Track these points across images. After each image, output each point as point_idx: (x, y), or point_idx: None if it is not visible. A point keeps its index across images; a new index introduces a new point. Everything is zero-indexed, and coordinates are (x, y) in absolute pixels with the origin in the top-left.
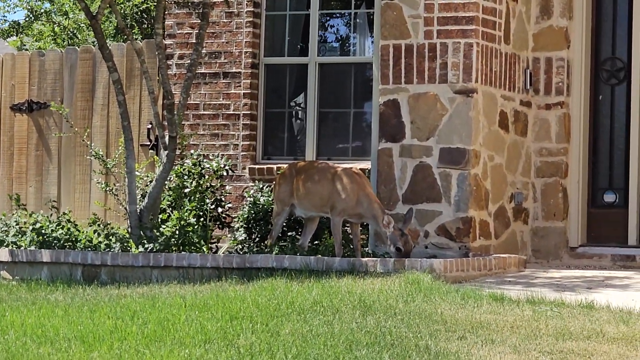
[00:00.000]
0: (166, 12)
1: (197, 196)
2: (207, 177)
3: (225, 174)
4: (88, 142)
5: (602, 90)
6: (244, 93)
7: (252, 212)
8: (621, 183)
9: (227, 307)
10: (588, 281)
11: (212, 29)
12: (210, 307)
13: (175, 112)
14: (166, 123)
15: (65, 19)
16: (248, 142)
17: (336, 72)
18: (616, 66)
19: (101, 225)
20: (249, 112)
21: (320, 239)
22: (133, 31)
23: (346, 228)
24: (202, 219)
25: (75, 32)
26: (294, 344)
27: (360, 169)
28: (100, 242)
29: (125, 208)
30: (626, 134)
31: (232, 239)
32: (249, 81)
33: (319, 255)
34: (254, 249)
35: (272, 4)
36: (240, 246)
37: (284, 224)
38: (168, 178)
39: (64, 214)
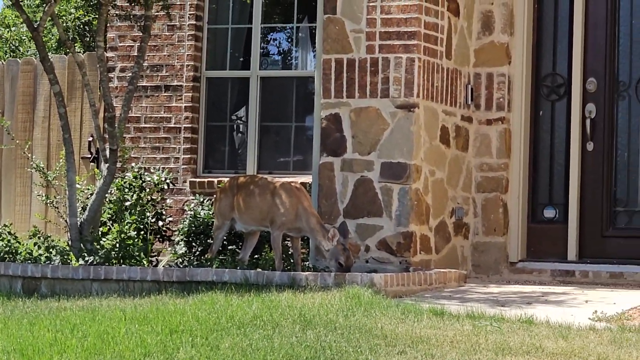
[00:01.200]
0: (108, 25)
1: (138, 209)
2: (147, 190)
3: (166, 187)
4: (29, 155)
5: (543, 106)
6: (185, 106)
7: (193, 225)
8: (561, 198)
9: (167, 320)
10: (528, 296)
11: (154, 42)
12: (150, 320)
13: (116, 125)
14: (107, 136)
15: (8, 31)
16: (189, 156)
17: (278, 86)
18: (556, 82)
19: (41, 238)
20: (190, 126)
21: (260, 253)
22: (75, 44)
23: (287, 242)
24: (142, 232)
25: (17, 44)
26: (234, 358)
27: (301, 183)
28: (40, 255)
29: (66, 221)
30: (566, 149)
31: (173, 252)
32: (190, 94)
33: (259, 269)
34: (195, 263)
35: (214, 18)
36: (180, 260)
37: (225, 238)
38: (109, 191)
39: (5, 226)
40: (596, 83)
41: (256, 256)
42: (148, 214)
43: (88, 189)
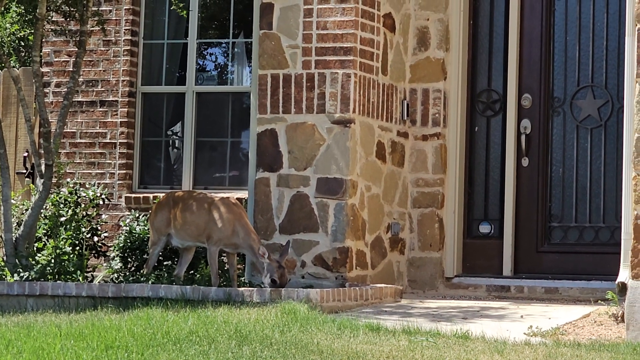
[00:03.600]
0: (44, 40)
1: (73, 225)
2: (83, 205)
3: (101, 202)
4: None
5: (478, 122)
6: (120, 121)
7: (128, 241)
8: (496, 214)
9: (103, 336)
10: (464, 311)
11: (90, 57)
12: (86, 336)
13: (51, 140)
14: (42, 151)
15: None
16: (124, 171)
17: (214, 101)
18: (492, 98)
19: None
20: (125, 141)
21: (196, 269)
22: (10, 59)
23: (223, 258)
24: (78, 248)
25: None
26: None
27: (237, 198)
28: None
29: (1, 236)
30: (501, 165)
31: (108, 267)
32: (126, 109)
33: (196, 285)
34: (130, 278)
35: (149, 33)
36: (116, 275)
37: (160, 254)
38: (44, 206)
39: None
40: (531, 99)
41: (192, 272)
42: (83, 229)
43: (23, 205)
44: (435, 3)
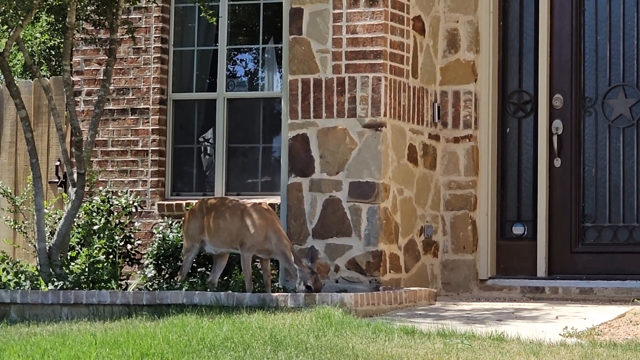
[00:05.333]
0: (74, 49)
1: (106, 233)
2: (115, 213)
3: (134, 210)
4: None
5: (510, 123)
6: (152, 129)
7: (162, 248)
8: (529, 215)
9: (138, 343)
10: (498, 313)
11: (120, 65)
12: (121, 344)
13: (83, 149)
14: (74, 160)
15: None
16: (157, 179)
17: (245, 107)
18: (523, 99)
19: (10, 263)
20: (157, 148)
21: (230, 275)
22: (41, 68)
23: (256, 263)
24: (111, 256)
25: None
26: None
27: (269, 204)
28: (9, 280)
29: (34, 246)
30: (534, 166)
31: (142, 275)
32: (157, 117)
33: (230, 291)
34: (164, 286)
35: (179, 40)
36: (150, 283)
37: (194, 260)
38: (77, 215)
39: None
40: (562, 99)
41: (226, 278)
42: (117, 237)
43: (56, 214)
44: (464, 5)
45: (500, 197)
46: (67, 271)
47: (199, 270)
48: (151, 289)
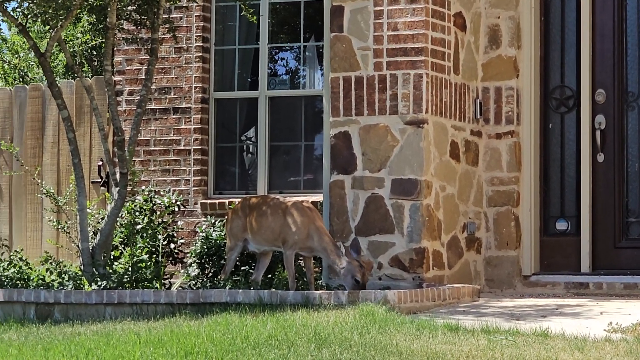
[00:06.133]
0: (115, 49)
1: (149, 232)
2: (158, 213)
3: (177, 209)
4: (39, 180)
5: (552, 119)
6: (194, 128)
7: (205, 247)
8: (573, 211)
9: (182, 342)
10: (542, 309)
11: (162, 65)
12: (165, 343)
13: (125, 149)
14: (117, 159)
15: (16, 57)
16: (199, 177)
17: (286, 105)
18: (565, 94)
19: (53, 264)
20: (199, 147)
21: (273, 273)
22: (83, 68)
23: (299, 261)
24: (154, 255)
25: (25, 70)
26: None
27: (312, 201)
28: (53, 281)
29: (78, 246)
30: (577, 161)
31: (185, 274)
32: (199, 116)
33: (273, 289)
34: (208, 284)
35: (221, 39)
36: (193, 281)
37: (237, 259)
38: (120, 215)
39: (16, 252)
40: (605, 94)
41: (269, 276)
42: (160, 236)
43: (99, 214)
44: (505, 1)
45: (543, 193)
46: (110, 271)
47: (242, 268)
48: (194, 288)
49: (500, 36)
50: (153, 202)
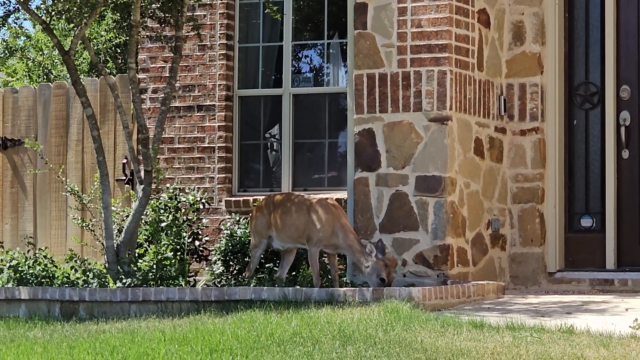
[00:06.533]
0: (139, 47)
1: (174, 230)
2: (183, 210)
3: (201, 207)
4: (63, 178)
5: (577, 115)
6: (218, 126)
7: (229, 244)
8: (597, 207)
9: (207, 340)
10: (567, 306)
11: (186, 62)
12: (190, 340)
13: (150, 146)
14: (141, 157)
15: (40, 55)
16: (224, 175)
17: (310, 103)
18: (590, 91)
19: (78, 261)
20: (224, 145)
21: (298, 270)
22: (107, 66)
23: (324, 258)
24: (179, 253)
25: (50, 68)
26: None
27: (336, 199)
28: (77, 278)
29: (102, 243)
30: (601, 158)
31: (210, 272)
32: (223, 114)
33: (297, 286)
34: (232, 282)
35: (244, 36)
36: (218, 279)
37: (262, 256)
38: (144, 212)
39: (41, 250)
40: (630, 90)
41: (293, 273)
42: (184, 234)
43: (123, 211)
44: None
45: (567, 190)
46: (135, 268)
47: (266, 265)
48: (219, 285)
49: (524, 32)
50: (178, 200)
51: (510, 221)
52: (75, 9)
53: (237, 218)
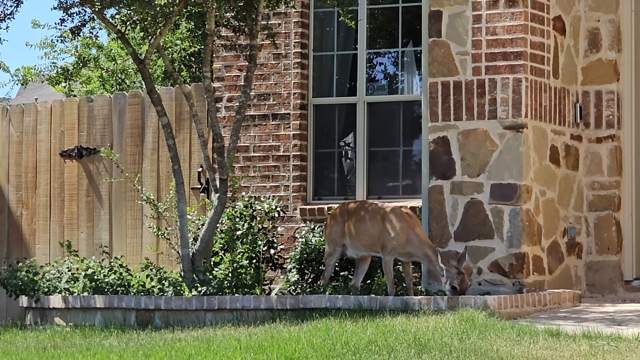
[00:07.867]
0: (214, 55)
1: (249, 238)
2: (258, 218)
3: (276, 215)
4: (139, 187)
5: None
6: (293, 134)
7: (304, 252)
8: None
9: (282, 348)
10: None
11: (260, 71)
12: (265, 348)
13: (225, 155)
14: (216, 166)
15: (114, 64)
16: (298, 183)
17: (384, 111)
18: None
19: (154, 270)
20: (298, 153)
21: (372, 279)
22: (181, 74)
23: (398, 267)
24: (254, 261)
25: (123, 77)
26: None
27: (410, 207)
28: (153, 287)
29: (178, 252)
30: None
31: (285, 280)
32: (298, 122)
33: (372, 295)
34: (307, 290)
35: (319, 45)
36: (293, 287)
37: (336, 264)
38: (220, 221)
39: (116, 259)
40: None
41: (368, 281)
42: (259, 242)
43: (199, 220)
44: (605, 4)
45: None
46: (210, 277)
47: (341, 274)
48: (294, 294)
49: (600, 40)
50: (253, 208)
51: (586, 229)
52: (150, 18)
53: (312, 226)
